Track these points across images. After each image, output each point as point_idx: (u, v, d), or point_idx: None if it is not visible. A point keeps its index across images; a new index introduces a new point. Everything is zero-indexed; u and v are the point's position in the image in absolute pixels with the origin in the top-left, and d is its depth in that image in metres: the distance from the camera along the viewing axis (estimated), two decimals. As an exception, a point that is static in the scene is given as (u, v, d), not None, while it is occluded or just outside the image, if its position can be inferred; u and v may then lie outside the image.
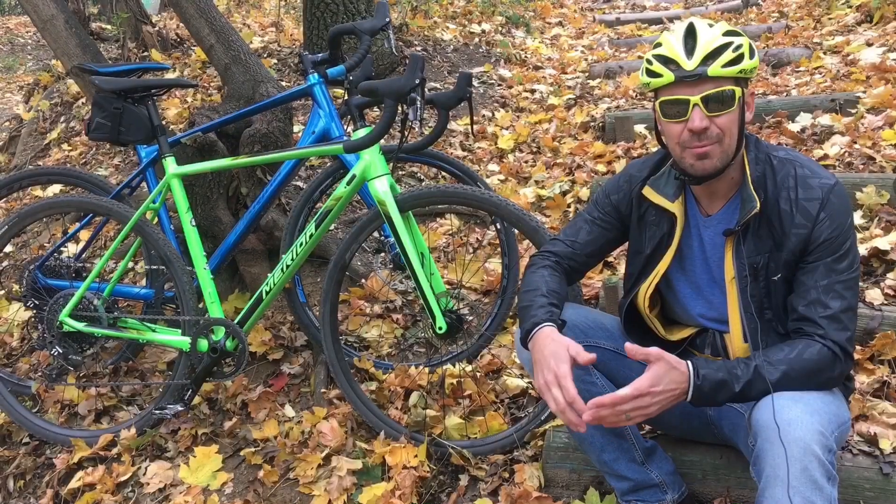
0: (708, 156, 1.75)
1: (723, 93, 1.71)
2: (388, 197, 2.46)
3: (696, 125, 1.72)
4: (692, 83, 1.71)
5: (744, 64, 1.71)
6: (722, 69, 1.69)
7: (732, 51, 1.70)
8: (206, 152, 3.14)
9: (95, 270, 2.90)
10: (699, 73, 1.70)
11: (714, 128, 1.72)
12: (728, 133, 1.74)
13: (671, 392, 1.63)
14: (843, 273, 1.72)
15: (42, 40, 11.76)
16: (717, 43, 1.71)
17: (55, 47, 4.20)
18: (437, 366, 2.86)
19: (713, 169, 1.77)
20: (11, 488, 2.89)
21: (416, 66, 2.27)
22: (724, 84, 1.71)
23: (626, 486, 2.04)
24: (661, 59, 1.75)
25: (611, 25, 7.99)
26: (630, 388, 1.62)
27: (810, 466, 1.53)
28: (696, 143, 1.74)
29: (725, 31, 1.74)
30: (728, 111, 1.72)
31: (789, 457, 1.54)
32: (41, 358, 3.38)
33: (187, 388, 2.82)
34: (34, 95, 6.16)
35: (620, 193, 2.02)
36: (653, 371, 1.62)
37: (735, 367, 1.68)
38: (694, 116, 1.72)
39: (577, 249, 2.06)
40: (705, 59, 1.70)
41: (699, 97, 1.71)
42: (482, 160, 4.55)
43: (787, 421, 1.57)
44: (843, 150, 3.76)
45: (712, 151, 1.74)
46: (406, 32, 6.42)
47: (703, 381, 1.64)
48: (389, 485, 2.41)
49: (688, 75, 1.71)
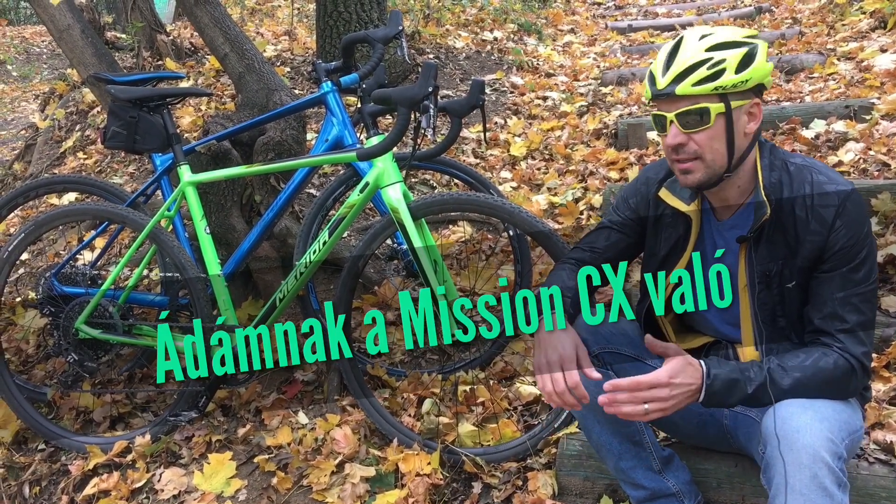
0: (690, 171, 1.76)
1: (697, 110, 1.70)
2: (401, 204, 2.47)
3: (670, 141, 1.74)
4: (667, 100, 1.73)
5: (722, 80, 1.68)
6: (692, 88, 1.69)
7: (708, 68, 1.68)
8: (220, 160, 3.15)
9: (111, 278, 2.92)
10: (667, 93, 1.71)
11: (692, 144, 1.73)
12: (708, 149, 1.73)
13: (687, 387, 1.63)
14: (860, 285, 1.71)
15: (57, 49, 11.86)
16: (694, 60, 1.70)
17: (71, 56, 4.24)
18: (450, 373, 2.86)
19: (696, 183, 1.78)
20: (27, 494, 2.91)
21: (429, 73, 2.28)
22: (699, 101, 1.70)
23: (642, 494, 2.03)
24: (649, 73, 1.78)
25: (623, 32, 7.98)
26: (649, 374, 1.62)
27: (819, 474, 1.52)
28: (675, 157, 1.77)
29: (714, 45, 1.71)
30: (704, 128, 1.71)
31: (798, 464, 1.54)
32: (57, 365, 3.40)
33: (201, 395, 2.83)
34: (50, 104, 6.22)
35: (638, 196, 2.02)
36: (671, 364, 1.63)
37: (748, 368, 1.68)
38: (670, 132, 1.74)
39: (596, 255, 2.04)
40: (676, 77, 1.71)
41: (674, 114, 1.73)
42: (495, 167, 4.55)
43: (796, 428, 1.57)
44: (858, 157, 3.74)
45: (694, 167, 1.75)
46: (418, 40, 6.44)
47: (714, 380, 1.64)
48: (402, 492, 2.41)
49: (659, 94, 1.73)
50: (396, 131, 2.32)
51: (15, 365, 3.48)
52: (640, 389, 1.62)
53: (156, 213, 2.89)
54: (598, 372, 1.80)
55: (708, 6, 8.73)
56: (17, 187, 3.40)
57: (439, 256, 2.55)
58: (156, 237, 2.85)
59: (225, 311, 2.81)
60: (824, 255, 1.73)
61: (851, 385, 1.69)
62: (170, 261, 2.92)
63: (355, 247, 2.64)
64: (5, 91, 10.99)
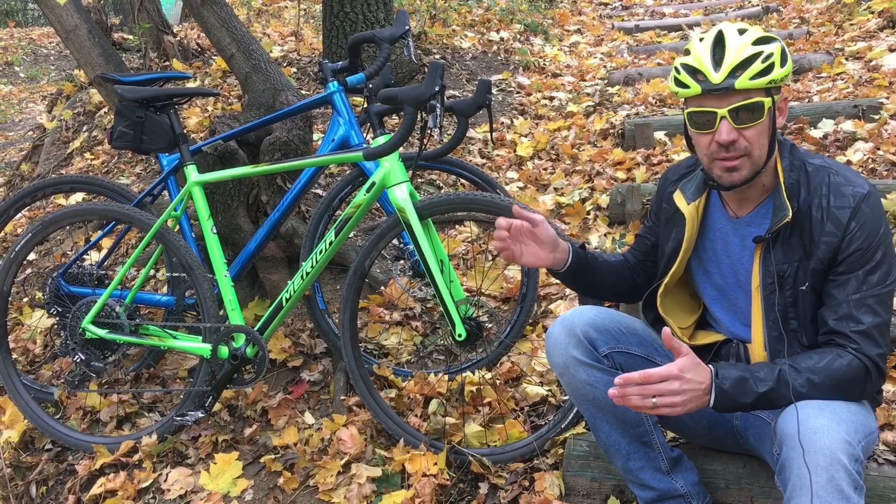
0: (737, 168, 1.73)
1: (752, 105, 1.68)
2: (408, 204, 2.46)
3: (724, 138, 1.70)
4: (720, 95, 1.68)
5: (774, 74, 1.67)
6: (750, 81, 1.66)
7: (762, 61, 1.66)
8: (226, 160, 3.16)
9: (118, 278, 2.93)
10: (726, 87, 1.67)
11: (742, 140, 1.70)
12: (757, 144, 1.71)
13: (697, 386, 1.61)
14: (876, 286, 1.69)
15: (65, 50, 11.90)
16: (747, 53, 1.67)
17: (78, 57, 4.25)
18: (457, 373, 2.86)
19: (741, 180, 1.75)
20: (34, 494, 2.91)
21: (436, 73, 2.28)
22: (753, 96, 1.68)
23: (650, 495, 2.02)
24: (689, 70, 1.72)
25: (630, 32, 7.97)
26: (660, 368, 1.61)
27: (836, 476, 1.51)
28: (724, 154, 1.72)
29: (756, 39, 1.70)
30: (757, 123, 1.69)
31: (815, 466, 1.52)
32: (64, 365, 3.41)
33: (208, 395, 2.83)
34: (57, 105, 6.24)
35: (658, 199, 2.06)
36: (682, 360, 1.61)
37: (758, 369, 1.66)
38: (721, 129, 1.70)
39: (638, 258, 2.11)
40: (733, 70, 1.67)
41: (727, 109, 1.68)
42: (501, 167, 4.55)
43: (813, 430, 1.55)
44: (867, 157, 3.73)
45: (741, 164, 1.73)
46: (425, 40, 6.44)
47: (723, 380, 1.63)
48: (409, 492, 2.41)
49: (715, 88, 1.68)
50: (403, 131, 2.31)
51: (22, 365, 3.50)
52: (650, 382, 1.60)
53: (162, 213, 2.90)
54: (608, 376, 1.82)
55: (715, 6, 8.71)
56: (25, 187, 3.40)
57: (446, 256, 2.54)
58: (162, 237, 2.86)
59: (231, 311, 2.81)
60: (839, 256, 1.71)
61: (866, 387, 1.68)
62: (176, 261, 2.92)
63: (362, 247, 2.64)
64: (13, 92, 11.04)
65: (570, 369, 1.93)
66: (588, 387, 1.92)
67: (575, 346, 1.93)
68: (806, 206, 1.75)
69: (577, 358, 1.92)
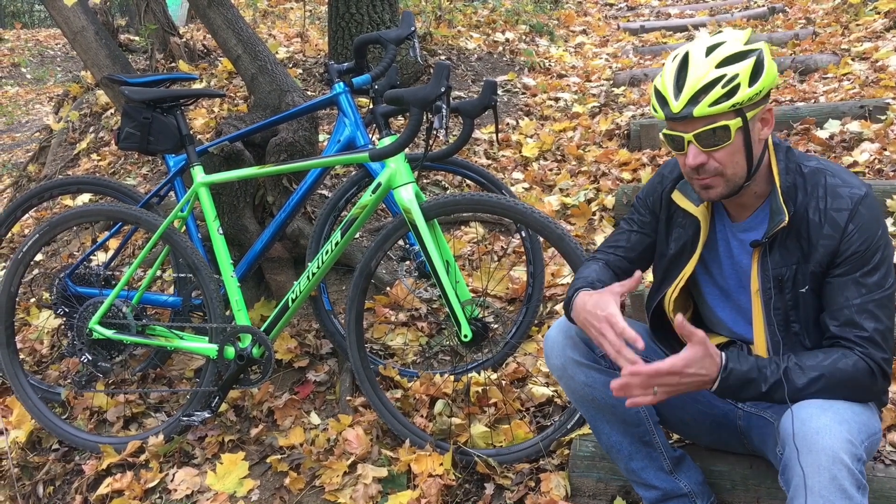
0: (711, 186, 1.75)
1: (715, 129, 1.68)
2: (414, 205, 2.47)
3: (691, 162, 1.72)
4: (684, 122, 1.70)
5: (738, 96, 1.65)
6: (710, 108, 1.66)
7: (723, 86, 1.65)
8: (232, 161, 3.16)
9: (125, 278, 2.94)
10: (685, 115, 1.68)
11: (712, 162, 1.71)
12: (729, 164, 1.72)
13: (700, 377, 1.63)
14: (875, 290, 1.69)
15: (71, 52, 11.95)
16: (708, 79, 1.66)
17: (85, 58, 4.27)
18: (463, 374, 2.86)
19: (718, 196, 1.77)
20: (41, 494, 2.92)
21: (442, 74, 2.28)
22: (717, 120, 1.67)
23: (654, 495, 2.02)
24: (657, 94, 1.74)
25: (635, 33, 7.96)
26: (667, 362, 1.62)
27: (839, 475, 1.51)
28: (695, 176, 1.75)
29: (723, 60, 1.67)
30: (725, 145, 1.70)
31: (817, 466, 1.52)
32: (71, 365, 3.42)
33: (214, 395, 2.84)
34: (64, 106, 6.26)
35: (654, 195, 2.02)
36: (691, 352, 1.61)
37: (766, 366, 1.67)
38: (689, 153, 1.72)
39: (619, 255, 2.04)
40: (693, 97, 1.67)
41: (692, 135, 1.70)
42: (507, 168, 4.55)
43: (816, 430, 1.55)
44: (873, 157, 3.72)
45: (713, 182, 1.74)
46: (430, 42, 6.44)
47: (729, 374, 1.64)
48: (415, 493, 2.41)
49: (675, 117, 1.70)
50: (409, 132, 2.32)
51: (29, 365, 3.51)
52: (657, 377, 1.62)
53: (169, 214, 2.91)
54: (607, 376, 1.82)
55: (720, 7, 8.69)
56: (32, 188, 3.41)
57: (451, 257, 2.55)
58: (169, 238, 2.87)
59: (237, 311, 2.82)
60: (836, 259, 1.71)
61: (871, 388, 1.67)
62: (183, 261, 2.93)
63: (367, 248, 2.65)
64: (20, 94, 11.08)
65: (569, 371, 1.94)
66: (587, 388, 1.93)
67: (572, 347, 1.93)
68: (803, 209, 1.75)
69: (575, 359, 1.93)
